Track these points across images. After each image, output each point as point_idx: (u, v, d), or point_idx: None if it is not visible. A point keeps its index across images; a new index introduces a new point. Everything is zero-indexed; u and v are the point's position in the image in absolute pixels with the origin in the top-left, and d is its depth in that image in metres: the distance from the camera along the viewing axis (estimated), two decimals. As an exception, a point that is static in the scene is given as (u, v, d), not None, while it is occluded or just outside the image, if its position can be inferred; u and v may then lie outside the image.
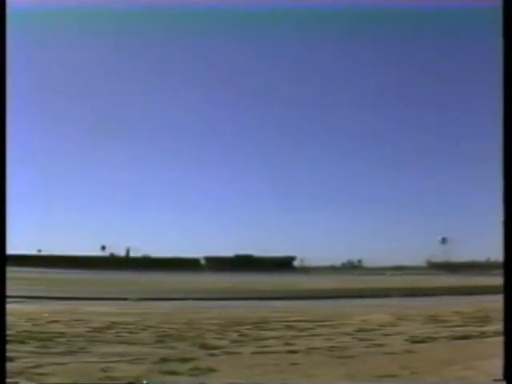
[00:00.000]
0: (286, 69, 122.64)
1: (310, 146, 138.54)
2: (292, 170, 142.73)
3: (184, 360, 7.52)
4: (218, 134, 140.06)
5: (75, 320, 12.79)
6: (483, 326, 12.12)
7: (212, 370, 6.90)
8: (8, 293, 4.28)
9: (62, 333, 10.33)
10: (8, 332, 4.80)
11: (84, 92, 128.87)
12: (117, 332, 10.83)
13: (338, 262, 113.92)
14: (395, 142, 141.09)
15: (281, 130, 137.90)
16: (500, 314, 4.25)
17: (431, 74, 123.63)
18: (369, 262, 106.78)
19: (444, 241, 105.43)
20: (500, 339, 4.16)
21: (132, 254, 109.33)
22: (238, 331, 11.16)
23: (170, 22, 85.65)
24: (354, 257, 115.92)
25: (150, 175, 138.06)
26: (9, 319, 4.65)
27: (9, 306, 4.52)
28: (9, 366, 5.23)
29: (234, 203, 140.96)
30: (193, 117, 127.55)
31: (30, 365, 6.88)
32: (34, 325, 11.75)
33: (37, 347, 8.49)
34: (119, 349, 8.55)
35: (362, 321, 13.50)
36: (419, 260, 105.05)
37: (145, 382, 5.89)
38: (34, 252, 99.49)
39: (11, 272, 7.08)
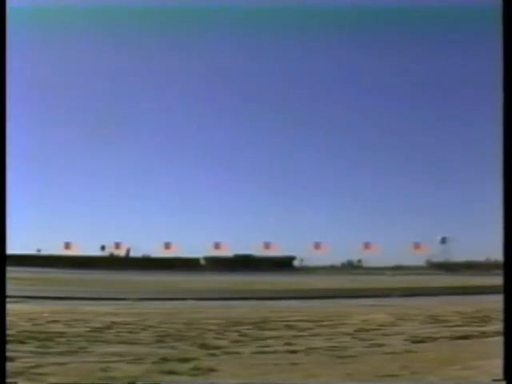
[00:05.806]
0: (285, 68, 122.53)
1: (310, 146, 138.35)
2: (292, 171, 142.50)
3: (184, 360, 7.52)
4: (217, 134, 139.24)
5: (75, 320, 12.80)
6: (483, 326, 12.11)
7: (212, 369, 6.89)
8: (8, 293, 4.29)
9: (62, 333, 10.33)
10: (8, 332, 4.79)
11: (83, 92, 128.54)
12: (117, 332, 10.83)
13: (337, 262, 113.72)
14: (395, 142, 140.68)
15: (280, 130, 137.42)
16: (500, 314, 4.26)
17: (430, 74, 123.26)
18: (369, 262, 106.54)
19: (444, 241, 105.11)
20: (500, 339, 4.17)
21: (132, 254, 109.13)
22: (238, 331, 11.16)
23: (170, 20, 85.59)
24: (353, 257, 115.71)
25: (150, 176, 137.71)
26: (9, 319, 4.66)
27: (9, 306, 4.53)
28: (9, 365, 5.24)
29: (234, 203, 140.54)
30: (192, 118, 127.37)
31: (29, 365, 6.88)
32: (33, 324, 11.76)
33: (37, 347, 8.48)
34: (119, 349, 8.55)
35: (362, 321, 13.49)
36: (419, 260, 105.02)
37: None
38: (33, 252, 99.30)
39: (11, 272, 7.08)
